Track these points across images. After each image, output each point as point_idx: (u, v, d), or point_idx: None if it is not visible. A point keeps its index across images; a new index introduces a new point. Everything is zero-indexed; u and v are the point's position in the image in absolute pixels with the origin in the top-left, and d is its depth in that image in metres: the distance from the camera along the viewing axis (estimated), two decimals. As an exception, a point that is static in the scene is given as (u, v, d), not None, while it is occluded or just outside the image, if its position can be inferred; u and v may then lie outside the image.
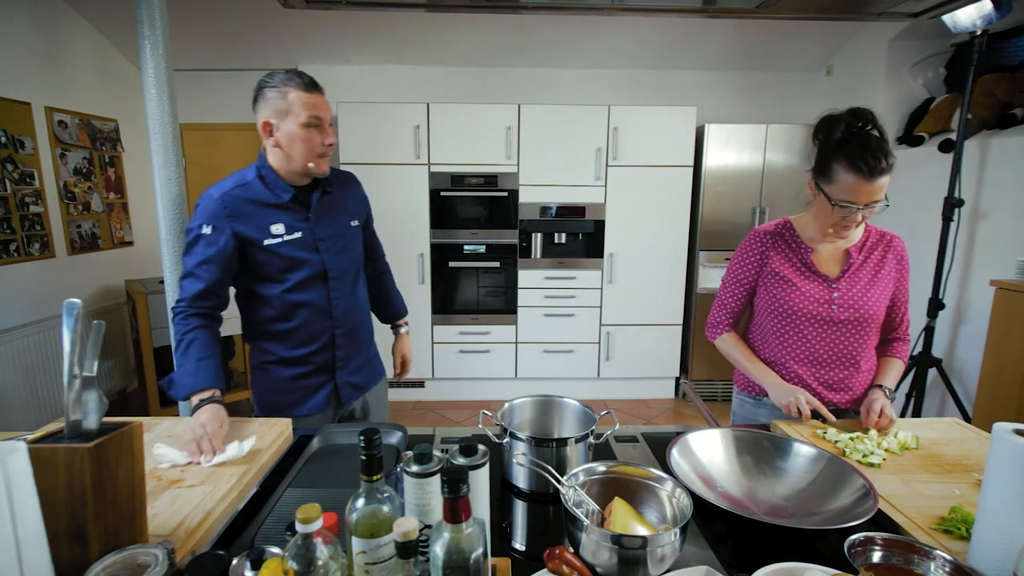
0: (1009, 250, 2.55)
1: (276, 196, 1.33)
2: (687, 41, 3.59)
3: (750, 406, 1.50)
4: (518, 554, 0.87)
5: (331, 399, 1.48)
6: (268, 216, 1.32)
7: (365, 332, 1.57)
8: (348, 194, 1.51)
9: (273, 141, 1.30)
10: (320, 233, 1.39)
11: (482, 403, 3.70)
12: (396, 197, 3.47)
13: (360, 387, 1.55)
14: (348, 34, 3.49)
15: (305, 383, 1.43)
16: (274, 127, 1.29)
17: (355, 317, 1.50)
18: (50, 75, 3.06)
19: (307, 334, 1.41)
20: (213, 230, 1.26)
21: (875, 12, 1.72)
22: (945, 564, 0.75)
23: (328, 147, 1.34)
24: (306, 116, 1.27)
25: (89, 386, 0.74)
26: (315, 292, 1.39)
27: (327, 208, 1.42)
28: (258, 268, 1.33)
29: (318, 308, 1.40)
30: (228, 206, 1.28)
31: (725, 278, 1.49)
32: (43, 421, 2.80)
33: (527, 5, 1.67)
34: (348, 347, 1.48)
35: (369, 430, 0.68)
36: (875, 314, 1.33)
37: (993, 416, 2.29)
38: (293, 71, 1.30)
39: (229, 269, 1.31)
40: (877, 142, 1.19)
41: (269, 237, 1.31)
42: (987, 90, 2.77)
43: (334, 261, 1.41)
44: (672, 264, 3.63)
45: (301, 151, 1.30)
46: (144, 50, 1.47)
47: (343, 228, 1.46)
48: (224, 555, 0.65)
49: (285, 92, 1.27)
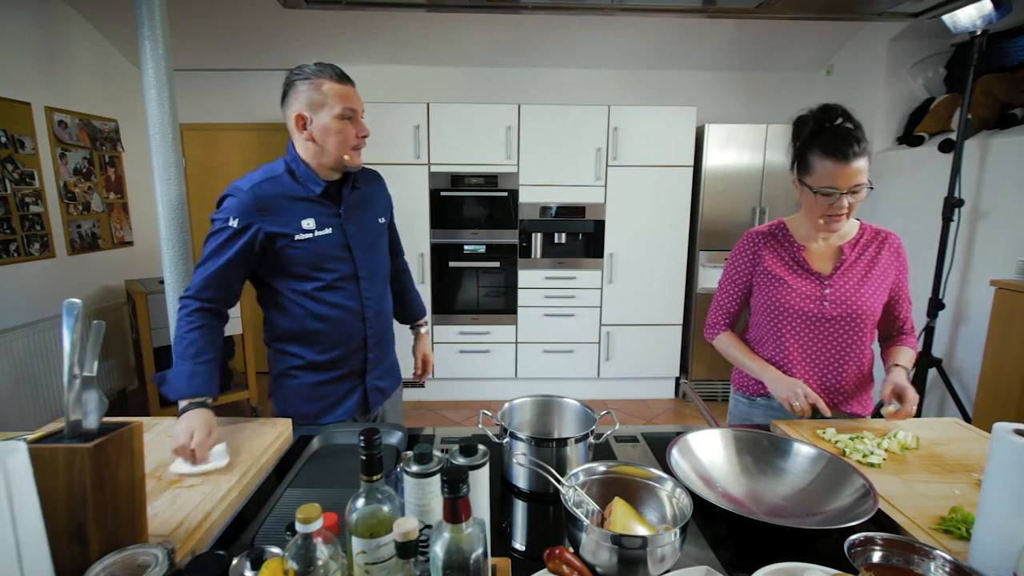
0: (1009, 250, 2.55)
1: (307, 190, 1.30)
2: (687, 41, 3.59)
3: (744, 406, 1.51)
4: (518, 554, 0.87)
5: (360, 405, 1.43)
6: (299, 210, 1.28)
7: (391, 334, 1.53)
8: (376, 191, 1.48)
9: (307, 135, 1.27)
10: (351, 230, 1.35)
11: (482, 403, 3.70)
12: (396, 197, 3.38)
13: (384, 392, 1.51)
14: (348, 34, 3.49)
15: (334, 388, 1.38)
16: (308, 120, 1.26)
17: (385, 319, 1.46)
18: (50, 75, 3.06)
19: (339, 336, 1.35)
20: (240, 225, 1.22)
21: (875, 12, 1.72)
22: (945, 564, 0.75)
23: (362, 139, 1.32)
24: (341, 108, 1.25)
25: (89, 386, 0.74)
26: (347, 292, 1.35)
27: (357, 204, 1.39)
28: (288, 265, 1.29)
29: (350, 309, 1.35)
30: (258, 199, 1.23)
31: (721, 279, 1.51)
32: (43, 421, 2.80)
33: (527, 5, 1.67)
34: (378, 350, 1.44)
35: (369, 430, 0.68)
36: (868, 311, 1.33)
37: (993, 416, 2.30)
38: (323, 63, 1.26)
39: (247, 266, 1.27)
40: (848, 130, 1.22)
41: (300, 232, 1.27)
42: (987, 90, 2.76)
43: (364, 259, 1.38)
44: (672, 264, 3.63)
45: (336, 143, 1.27)
46: (144, 50, 1.47)
47: (372, 225, 1.43)
48: (224, 555, 0.65)
49: (319, 84, 1.24)
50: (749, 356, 1.43)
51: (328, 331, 1.34)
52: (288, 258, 1.28)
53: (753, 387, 1.48)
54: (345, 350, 1.37)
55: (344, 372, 1.39)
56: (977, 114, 2.75)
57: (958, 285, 2.82)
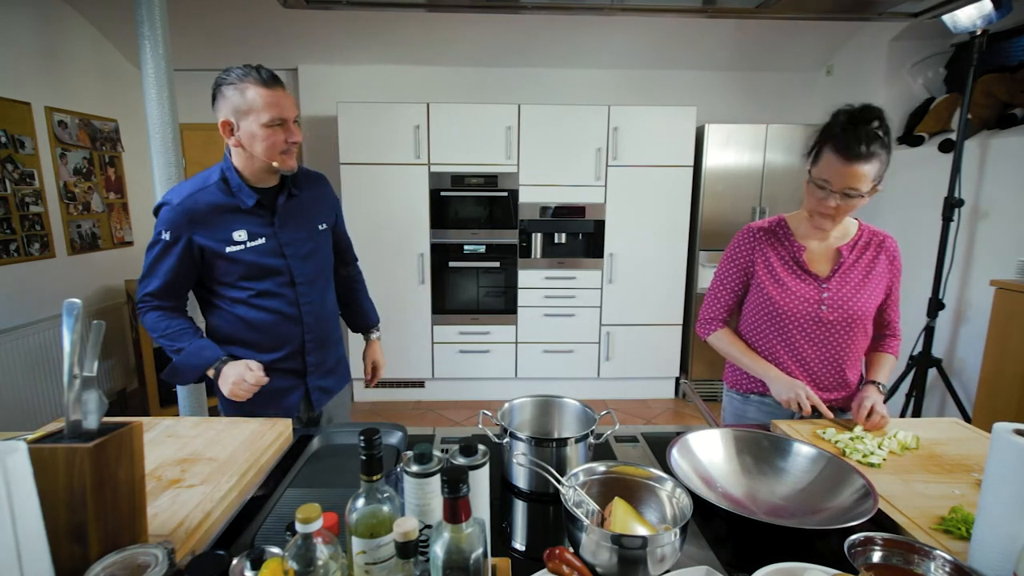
0: (1009, 250, 2.55)
1: (240, 201, 1.29)
2: (687, 41, 3.59)
3: (738, 403, 1.51)
4: (518, 554, 0.87)
5: (302, 403, 1.45)
6: (230, 222, 1.28)
7: (335, 337, 1.53)
8: (317, 196, 1.46)
9: (234, 140, 1.26)
10: (286, 238, 1.35)
11: (482, 403, 3.70)
12: (396, 197, 3.47)
13: (329, 391, 1.52)
14: (348, 34, 3.49)
15: (275, 386, 1.38)
16: (234, 126, 1.24)
17: (325, 323, 1.46)
18: (50, 75, 3.06)
19: (276, 341, 1.37)
20: (172, 237, 1.25)
21: (875, 12, 1.72)
22: (945, 564, 0.75)
23: (292, 144, 1.29)
24: (268, 116, 1.22)
25: (89, 386, 0.74)
26: (284, 298, 1.36)
27: (293, 212, 1.38)
28: (221, 275, 1.31)
29: (286, 315, 1.37)
30: (188, 212, 1.25)
31: (717, 273, 1.48)
32: (43, 421, 2.80)
33: (527, 5, 1.67)
34: (319, 353, 1.45)
35: (369, 430, 0.68)
36: (864, 315, 1.32)
37: (993, 416, 2.29)
38: (250, 66, 1.24)
39: (189, 275, 1.30)
40: (871, 132, 1.19)
41: (231, 244, 1.28)
42: (987, 90, 2.76)
43: (302, 266, 1.38)
44: (672, 264, 3.63)
45: (263, 149, 1.25)
46: (144, 50, 1.48)
47: (311, 232, 1.41)
48: (224, 555, 0.65)
49: (244, 89, 1.21)
50: (750, 356, 1.42)
51: (265, 336, 1.36)
52: (221, 268, 1.30)
53: (746, 384, 1.47)
54: (283, 353, 1.39)
55: (284, 373, 1.40)
56: (977, 114, 2.75)
57: (958, 285, 2.82)
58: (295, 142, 1.29)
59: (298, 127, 1.30)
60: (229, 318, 1.34)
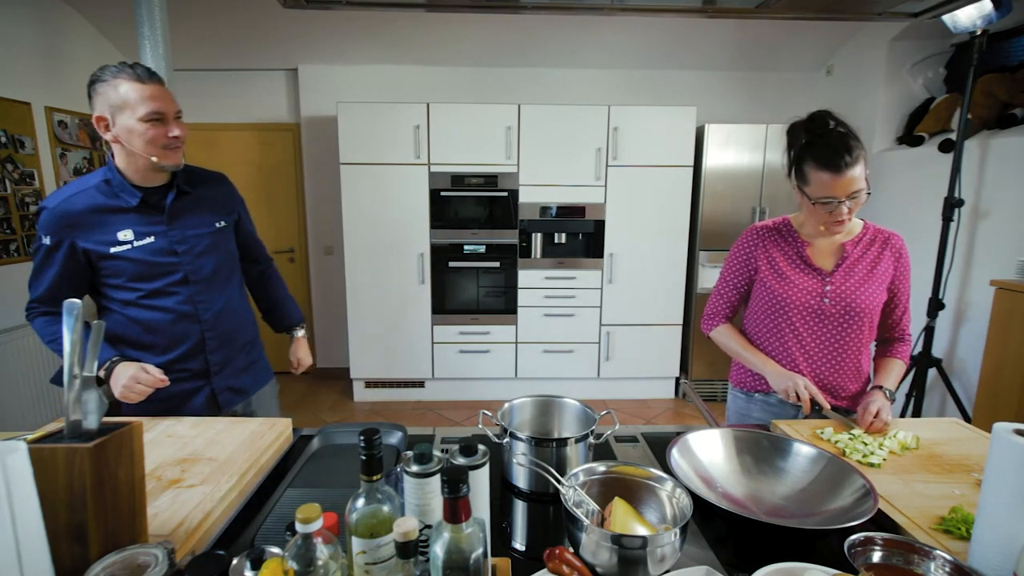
0: (1009, 250, 2.55)
1: (122, 201, 1.28)
2: (687, 41, 3.59)
3: (742, 401, 1.52)
4: (518, 554, 0.87)
5: (209, 404, 1.43)
6: (114, 223, 1.27)
7: (244, 335, 1.51)
8: (214, 194, 1.45)
9: (111, 136, 1.24)
10: (177, 236, 1.33)
11: (482, 403, 3.70)
12: (396, 197, 3.47)
13: (242, 391, 1.50)
14: (348, 34, 3.49)
15: (178, 389, 1.36)
16: (109, 122, 1.22)
17: (229, 321, 1.45)
18: (50, 75, 3.06)
19: (172, 340, 1.35)
20: (52, 242, 1.24)
21: (875, 12, 1.72)
22: (945, 564, 0.75)
23: (173, 139, 1.27)
24: (143, 109, 1.21)
25: (89, 386, 0.74)
26: (178, 296, 1.34)
27: (185, 209, 1.36)
28: (109, 276, 1.29)
29: (182, 313, 1.35)
30: (65, 215, 1.23)
31: (722, 271, 1.51)
32: (43, 421, 2.80)
33: (527, 5, 1.67)
34: (223, 352, 1.43)
35: (369, 430, 0.68)
36: (867, 309, 1.33)
37: (993, 416, 2.29)
38: (127, 63, 1.23)
39: (75, 279, 1.29)
40: (840, 138, 1.22)
41: (116, 245, 1.27)
42: (987, 90, 2.76)
43: (196, 264, 1.36)
44: (672, 264, 3.63)
45: (141, 144, 1.23)
46: (144, 50, 1.48)
47: (207, 229, 1.40)
48: (224, 555, 0.65)
49: (117, 84, 1.20)
50: (749, 349, 1.43)
51: (159, 336, 1.35)
52: (108, 269, 1.29)
53: (750, 383, 1.48)
54: (180, 352, 1.37)
55: (186, 375, 1.39)
56: (977, 114, 2.75)
57: (958, 285, 2.82)
58: (176, 137, 1.27)
59: (180, 122, 1.29)
60: (121, 320, 1.33)
